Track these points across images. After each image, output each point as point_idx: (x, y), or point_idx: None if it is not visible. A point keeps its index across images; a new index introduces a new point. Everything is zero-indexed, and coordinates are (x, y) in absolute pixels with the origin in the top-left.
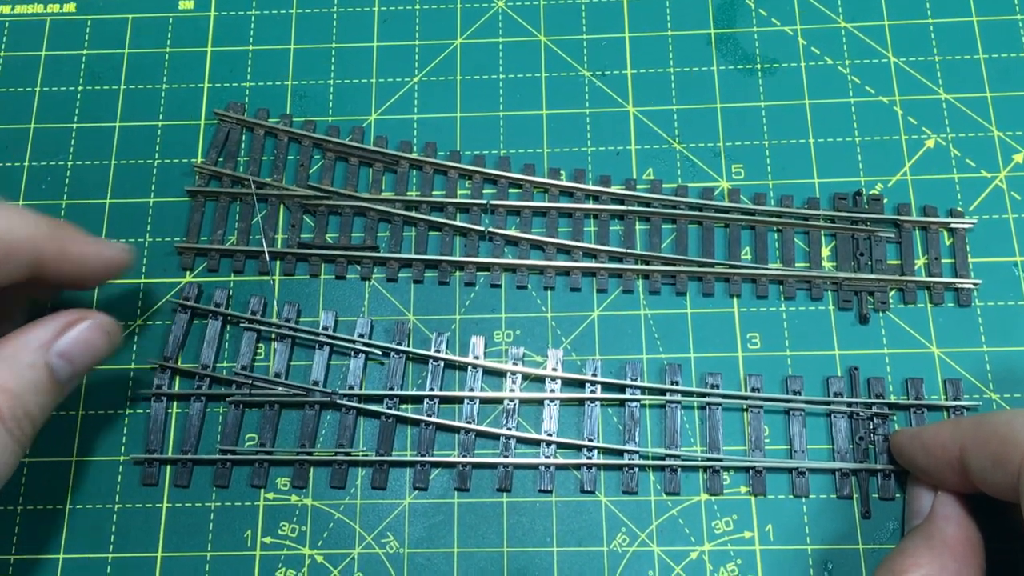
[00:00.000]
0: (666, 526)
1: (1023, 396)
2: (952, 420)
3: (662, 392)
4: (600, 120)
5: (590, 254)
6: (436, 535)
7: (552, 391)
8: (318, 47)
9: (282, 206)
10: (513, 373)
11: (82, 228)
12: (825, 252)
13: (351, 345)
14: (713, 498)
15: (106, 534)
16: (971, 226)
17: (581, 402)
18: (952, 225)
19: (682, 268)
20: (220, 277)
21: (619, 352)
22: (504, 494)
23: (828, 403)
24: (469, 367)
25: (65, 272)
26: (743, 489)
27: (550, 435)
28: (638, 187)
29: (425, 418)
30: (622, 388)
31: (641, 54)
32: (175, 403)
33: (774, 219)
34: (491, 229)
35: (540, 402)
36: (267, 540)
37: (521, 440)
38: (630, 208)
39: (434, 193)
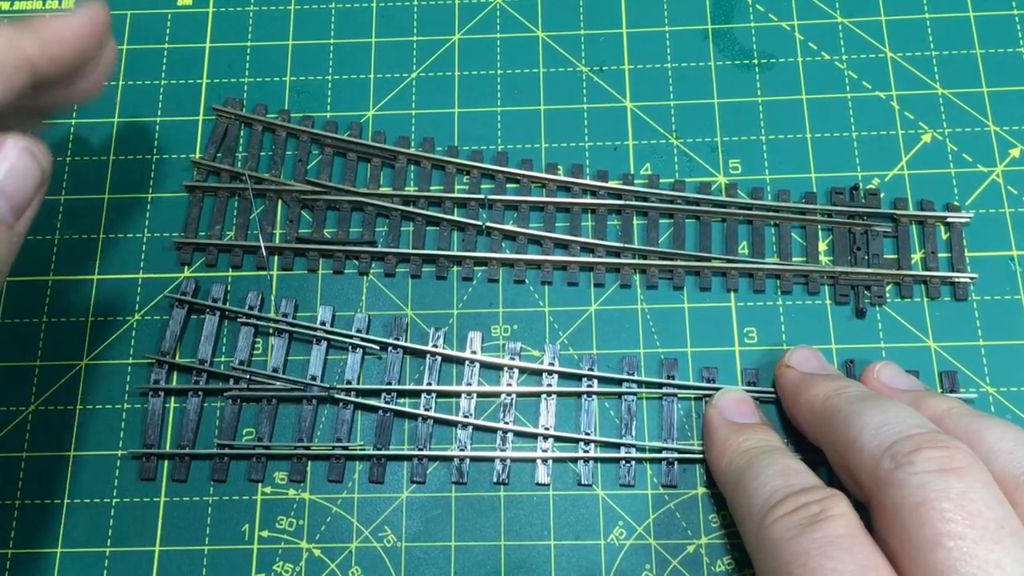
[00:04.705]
0: (663, 519)
1: (1019, 389)
2: (836, 392)
3: (659, 386)
4: (598, 115)
5: (587, 249)
6: (434, 529)
7: (549, 385)
8: (316, 43)
9: (280, 201)
10: (510, 367)
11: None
12: (822, 246)
13: (349, 340)
14: (710, 491)
15: (104, 528)
16: (968, 220)
17: (578, 396)
18: (949, 219)
19: (679, 263)
20: (218, 272)
21: (616, 346)
22: (501, 488)
23: None
24: (466, 362)
25: (56, 71)
26: None
27: (547, 429)
28: (635, 182)
29: (422, 412)
30: (619, 382)
31: (638, 50)
32: (173, 398)
33: (771, 214)
34: (489, 224)
35: (537, 396)
36: (265, 534)
37: (518, 434)
38: (627, 203)
39: (432, 188)
